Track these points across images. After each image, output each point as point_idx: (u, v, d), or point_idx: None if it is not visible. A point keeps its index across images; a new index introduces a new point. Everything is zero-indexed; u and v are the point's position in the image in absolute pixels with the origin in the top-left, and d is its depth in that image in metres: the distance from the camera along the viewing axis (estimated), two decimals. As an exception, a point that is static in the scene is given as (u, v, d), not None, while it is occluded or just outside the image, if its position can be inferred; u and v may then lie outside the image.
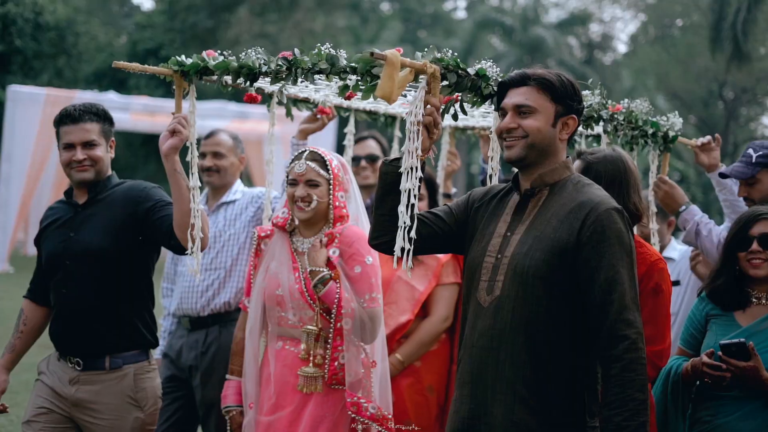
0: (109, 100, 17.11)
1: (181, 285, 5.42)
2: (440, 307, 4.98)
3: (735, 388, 3.87)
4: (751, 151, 4.81)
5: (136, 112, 17.72)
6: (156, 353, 5.48)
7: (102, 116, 4.28)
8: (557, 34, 37.64)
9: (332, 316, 4.04)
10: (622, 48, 47.00)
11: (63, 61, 26.73)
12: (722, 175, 4.92)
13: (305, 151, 4.18)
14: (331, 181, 4.13)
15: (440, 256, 4.98)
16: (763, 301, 4.03)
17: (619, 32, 54.29)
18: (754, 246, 3.98)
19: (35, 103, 17.10)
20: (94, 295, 4.15)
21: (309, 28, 30.61)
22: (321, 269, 4.06)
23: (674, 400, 4.02)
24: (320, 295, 4.03)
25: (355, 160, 5.89)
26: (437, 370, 4.95)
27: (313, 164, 4.11)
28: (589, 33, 43.47)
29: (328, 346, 4.03)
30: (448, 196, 6.08)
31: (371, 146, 6.10)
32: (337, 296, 4.02)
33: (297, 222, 4.23)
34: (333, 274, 4.06)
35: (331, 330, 4.03)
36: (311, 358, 4.03)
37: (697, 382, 4.00)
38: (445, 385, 5.00)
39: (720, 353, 3.84)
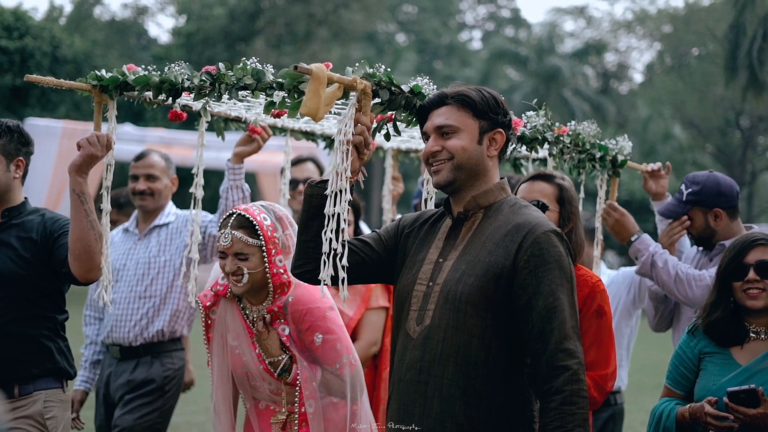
0: (126, 132, 17.14)
1: (113, 312, 5.15)
2: (368, 332, 4.90)
3: None
4: (683, 187, 4.71)
5: (152, 144, 17.75)
6: (77, 383, 5.30)
7: (1, 133, 4.02)
8: (573, 63, 37.71)
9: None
10: (638, 77, 47.01)
11: (80, 94, 26.84)
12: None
13: (233, 214, 3.76)
14: (264, 247, 3.72)
15: None
16: (762, 336, 3.70)
17: (635, 62, 54.29)
18: (751, 275, 3.66)
19: (52, 136, 17.15)
20: (4, 318, 3.94)
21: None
22: (279, 358, 3.79)
23: None
24: (288, 380, 3.80)
25: (293, 183, 5.65)
26: None
27: (239, 233, 3.70)
28: (604, 63, 43.48)
29: None
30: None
31: (309, 169, 5.85)
32: (299, 380, 3.77)
33: None
34: (293, 358, 3.79)
35: (296, 415, 3.79)
36: None
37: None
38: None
39: (726, 400, 3.53)
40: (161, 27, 70.50)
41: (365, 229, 5.57)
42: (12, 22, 24.37)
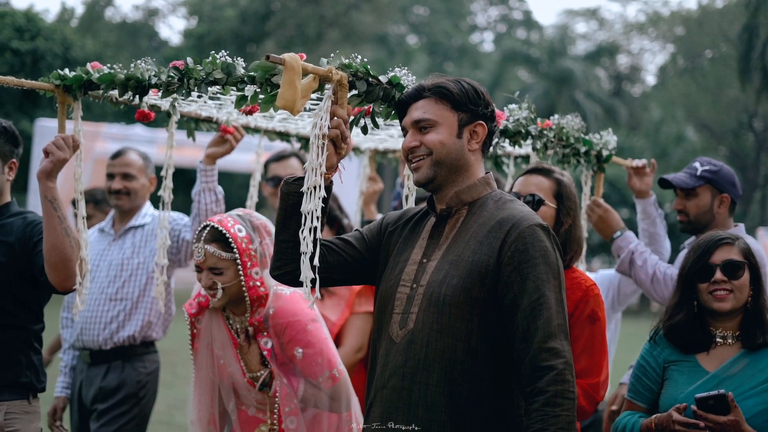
0: (136, 134, 17.14)
1: (82, 314, 4.96)
2: (353, 337, 4.79)
3: None
4: (697, 164, 4.69)
5: (162, 146, 17.72)
6: (57, 389, 5.18)
7: None
8: (585, 65, 37.60)
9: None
10: (650, 79, 46.91)
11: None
12: (664, 182, 4.73)
13: (206, 227, 3.68)
14: (239, 260, 3.64)
15: None
16: (729, 341, 3.50)
17: (648, 64, 54.17)
18: (718, 275, 3.46)
19: (62, 137, 17.19)
20: None
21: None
22: (259, 373, 3.72)
23: None
24: (270, 394, 3.73)
25: (275, 180, 5.50)
26: None
27: (212, 248, 3.63)
28: (617, 65, 43.37)
29: None
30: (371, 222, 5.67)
31: (293, 166, 5.62)
32: (278, 396, 3.70)
33: None
34: (273, 373, 3.72)
35: (277, 429, 3.73)
36: None
37: None
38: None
39: (694, 408, 3.33)
40: (172, 29, 70.72)
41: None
42: (24, 23, 24.42)
